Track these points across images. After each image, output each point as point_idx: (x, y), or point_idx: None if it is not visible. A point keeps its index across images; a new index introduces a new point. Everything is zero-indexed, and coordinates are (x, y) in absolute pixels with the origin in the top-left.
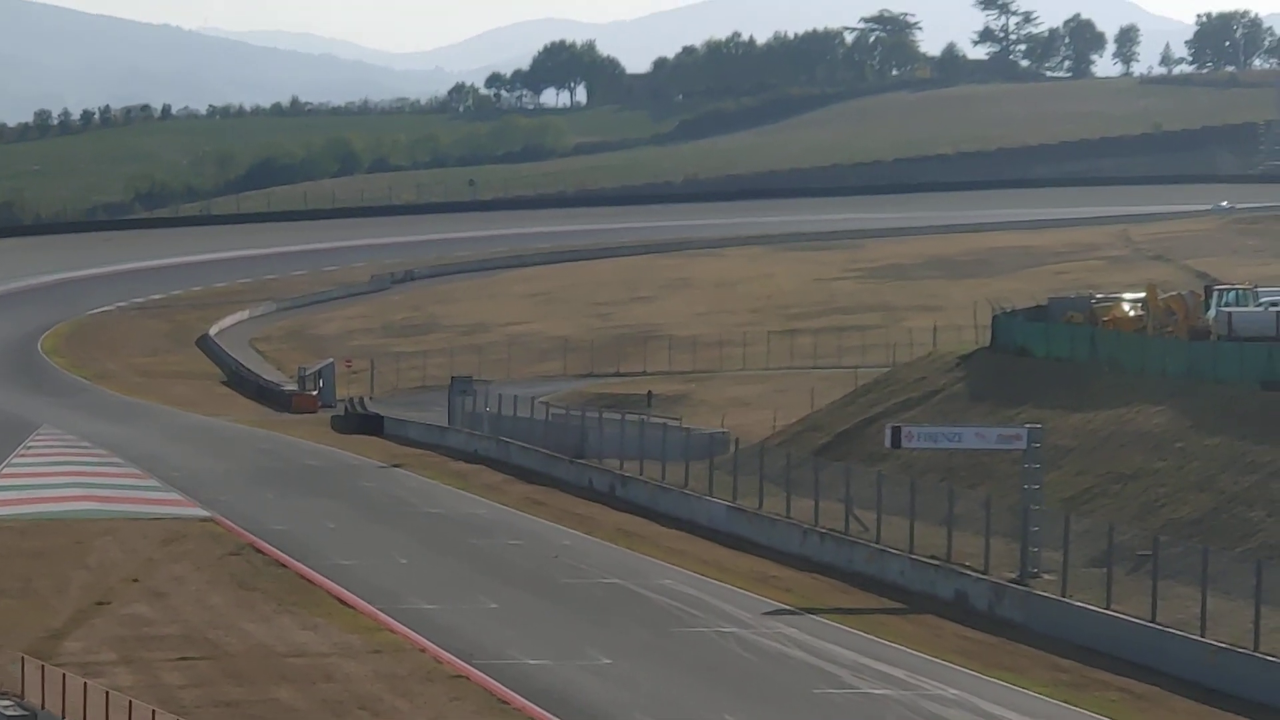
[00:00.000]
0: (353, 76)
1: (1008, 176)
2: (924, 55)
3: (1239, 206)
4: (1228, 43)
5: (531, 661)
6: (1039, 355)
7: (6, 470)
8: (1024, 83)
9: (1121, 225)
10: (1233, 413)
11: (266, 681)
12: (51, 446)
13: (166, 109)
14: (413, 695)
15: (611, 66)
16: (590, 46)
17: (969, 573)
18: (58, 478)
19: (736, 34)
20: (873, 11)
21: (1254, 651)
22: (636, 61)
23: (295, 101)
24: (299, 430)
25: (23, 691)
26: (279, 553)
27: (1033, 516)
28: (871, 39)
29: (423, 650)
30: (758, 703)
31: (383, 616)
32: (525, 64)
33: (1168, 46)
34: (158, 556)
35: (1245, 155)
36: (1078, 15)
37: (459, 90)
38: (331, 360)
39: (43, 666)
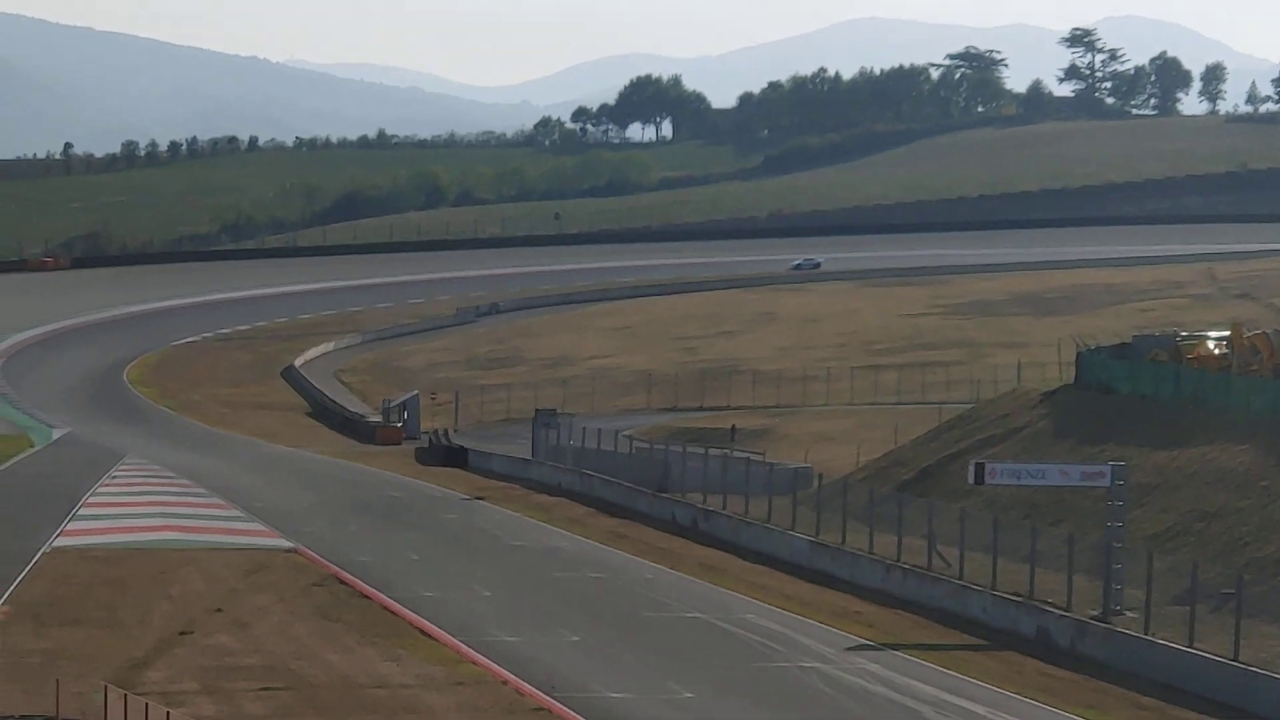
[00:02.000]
0: (439, 110)
1: (1092, 214)
2: (1009, 92)
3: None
4: None
5: (613, 695)
6: (1123, 392)
7: (92, 499)
8: (1109, 120)
9: (1206, 263)
10: None
11: (348, 713)
12: (136, 476)
13: (253, 141)
14: None
15: (697, 101)
16: (676, 81)
17: (1051, 609)
18: (142, 507)
19: (822, 70)
20: (959, 48)
21: None
22: (722, 97)
23: (381, 134)
24: (383, 462)
25: None
26: (362, 584)
27: (1115, 554)
28: (957, 75)
29: (504, 683)
30: None
31: (465, 649)
32: (611, 98)
33: (1254, 85)
34: (241, 587)
35: None
36: (1164, 53)
37: (545, 124)
38: (416, 393)
39: (125, 696)
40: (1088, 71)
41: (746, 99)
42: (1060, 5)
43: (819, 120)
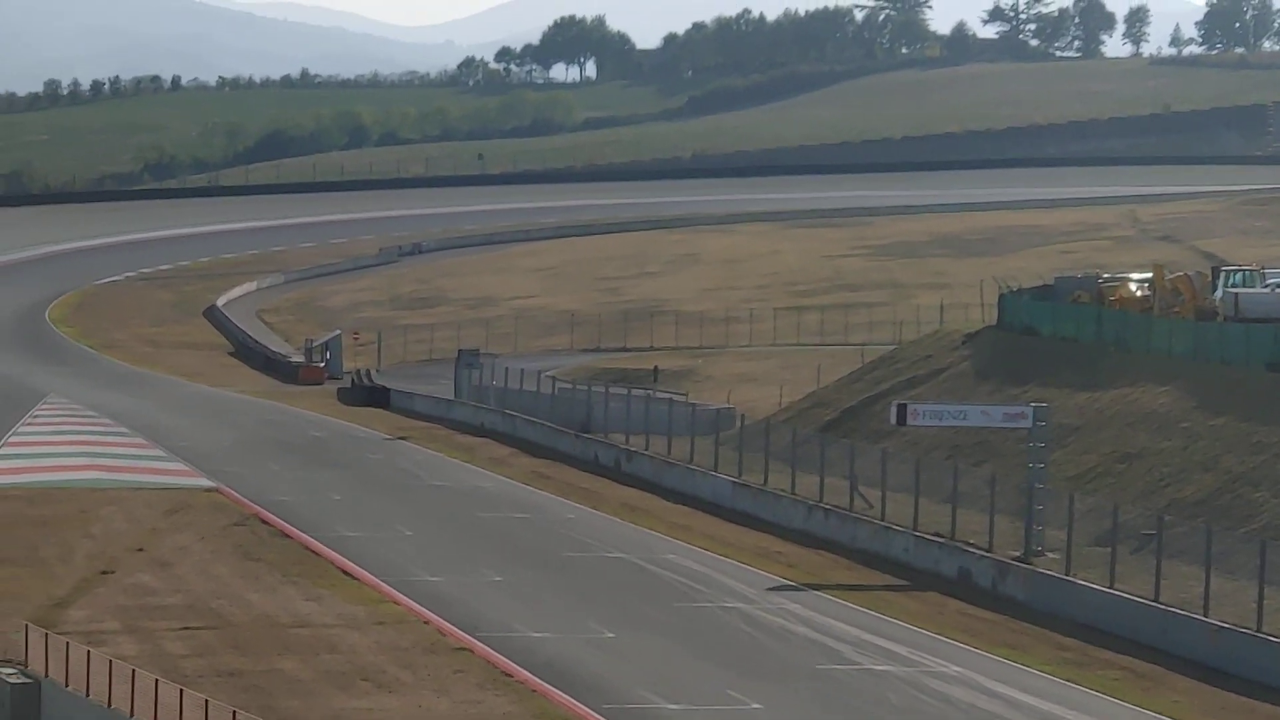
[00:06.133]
0: (362, 50)
1: (1016, 155)
2: (934, 34)
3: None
4: (1237, 24)
5: (535, 634)
6: (1045, 334)
7: (13, 439)
8: (1033, 62)
9: (1129, 205)
10: (1238, 393)
11: (270, 652)
12: (58, 416)
13: (176, 80)
14: (416, 667)
15: (621, 42)
16: (600, 22)
17: (973, 550)
18: (64, 447)
19: (746, 11)
20: None
21: (1257, 632)
22: (646, 37)
23: (305, 74)
24: (305, 402)
25: (26, 659)
26: (284, 524)
27: (1037, 495)
28: (881, 17)
29: (426, 622)
30: (760, 678)
31: (387, 588)
32: (535, 38)
33: (1177, 27)
34: (162, 526)
35: (1253, 137)
36: None
37: (469, 64)
38: (339, 332)
39: (46, 635)
40: (1011, 13)
41: (671, 39)
42: None
43: (743, 61)
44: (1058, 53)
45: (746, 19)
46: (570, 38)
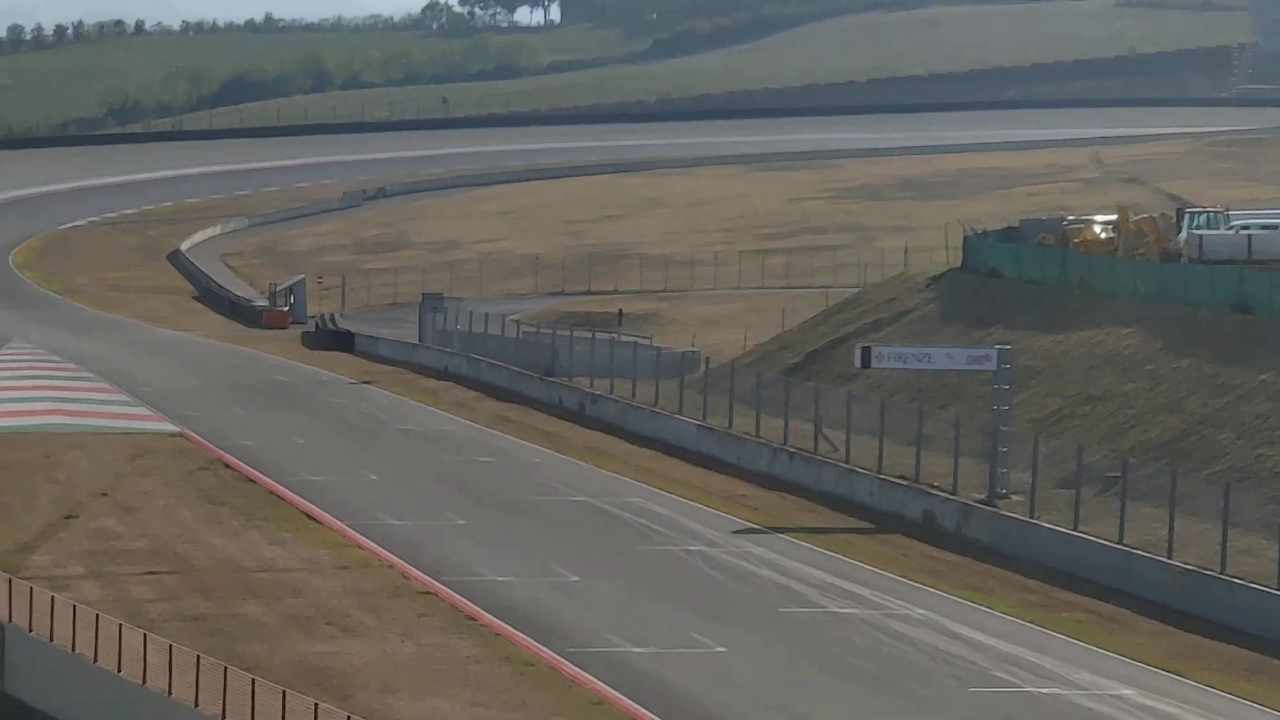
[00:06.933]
0: None
1: (981, 98)
2: None
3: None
4: None
5: (499, 578)
6: (1010, 277)
7: None
8: (998, 4)
9: (1094, 148)
10: (1203, 335)
11: (234, 596)
12: (20, 360)
13: (140, 24)
14: (380, 611)
15: None
16: None
17: (937, 493)
18: (27, 391)
19: None
20: None
21: (1221, 574)
22: None
23: (269, 18)
24: (269, 346)
25: None
26: (248, 468)
27: (1002, 437)
28: None
29: (390, 566)
30: (724, 621)
31: (351, 532)
32: None
33: None
34: (126, 471)
35: (1219, 79)
36: None
37: (433, 7)
38: (303, 276)
39: (10, 580)
40: None
41: None
42: None
43: (708, 4)
44: None
45: None
46: None
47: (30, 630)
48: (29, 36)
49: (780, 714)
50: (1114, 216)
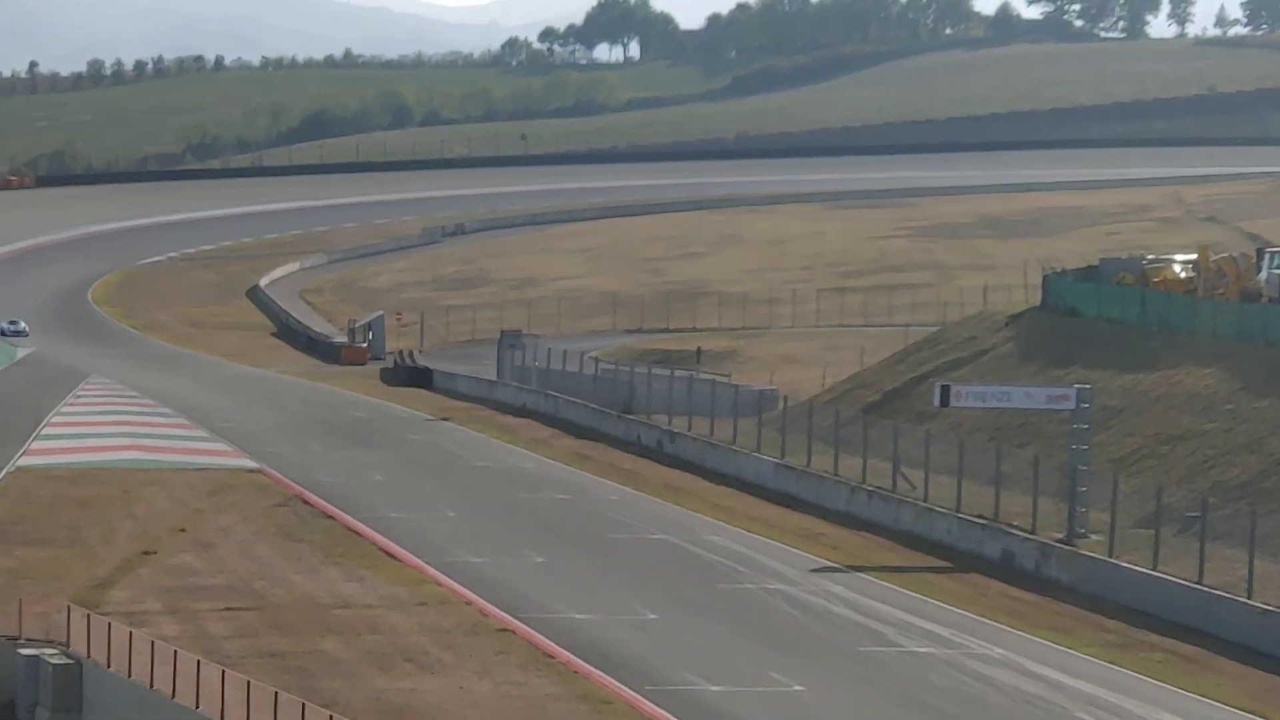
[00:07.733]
0: (406, 29)
1: (1060, 137)
2: (978, 14)
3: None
4: None
5: (577, 616)
6: (1089, 316)
7: (55, 419)
8: (1078, 43)
9: (1174, 187)
10: None
11: (311, 633)
12: (100, 396)
13: (220, 60)
14: (458, 648)
15: (665, 22)
16: (644, 2)
17: (1016, 532)
18: (106, 427)
19: None
20: None
21: None
22: (690, 17)
23: (348, 54)
24: (348, 382)
25: (69, 640)
26: (326, 504)
27: (1081, 477)
28: None
29: (468, 603)
30: (803, 659)
31: (429, 569)
32: (579, 19)
33: (1222, 7)
34: (204, 507)
35: None
36: None
37: (512, 44)
38: (381, 313)
39: (88, 615)
40: None
41: (715, 20)
42: None
43: (787, 42)
44: (1102, 33)
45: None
46: (614, 18)
47: (108, 666)
48: (109, 72)
49: None
50: (1194, 256)
